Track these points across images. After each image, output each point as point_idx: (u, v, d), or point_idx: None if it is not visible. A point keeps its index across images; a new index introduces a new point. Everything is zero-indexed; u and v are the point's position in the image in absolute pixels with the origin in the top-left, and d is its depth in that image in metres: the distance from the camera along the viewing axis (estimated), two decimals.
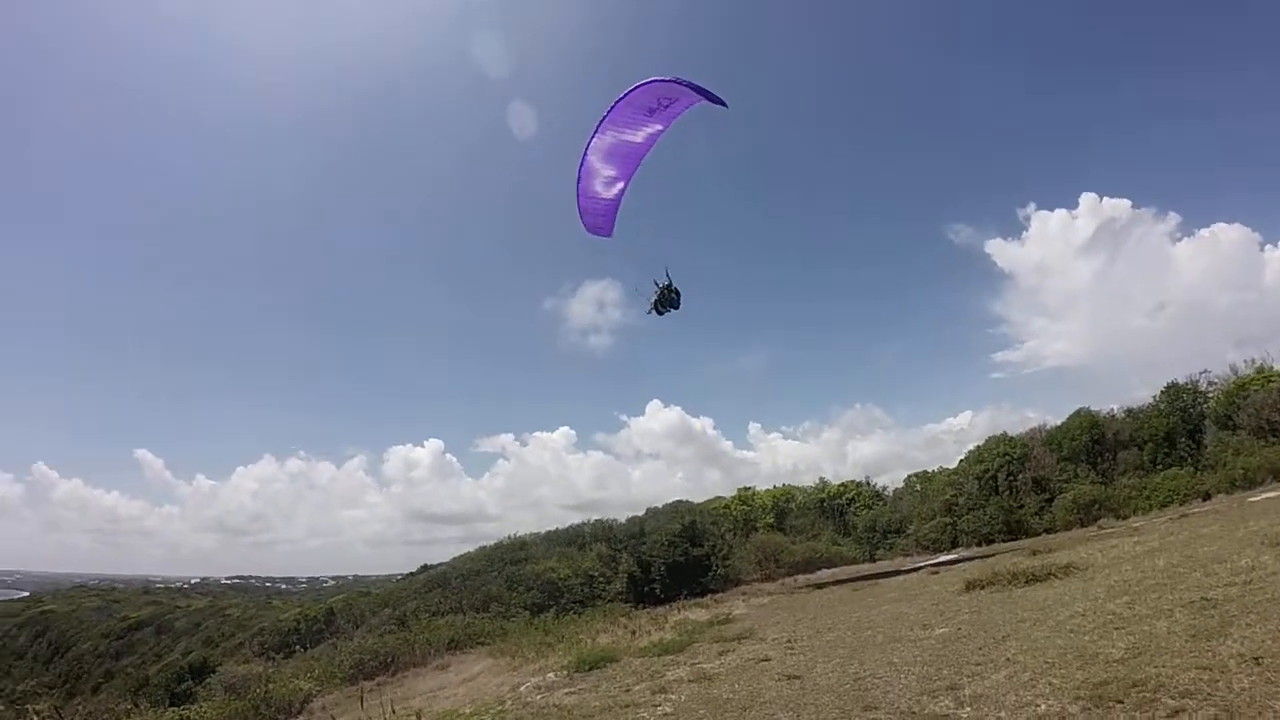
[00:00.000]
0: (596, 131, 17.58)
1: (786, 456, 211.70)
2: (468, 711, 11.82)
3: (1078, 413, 50.74)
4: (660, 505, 61.27)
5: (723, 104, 16.45)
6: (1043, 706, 7.70)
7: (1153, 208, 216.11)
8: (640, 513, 58.74)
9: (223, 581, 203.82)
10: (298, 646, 43.58)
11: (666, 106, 17.09)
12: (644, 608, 32.86)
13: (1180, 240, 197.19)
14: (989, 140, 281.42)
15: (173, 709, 23.70)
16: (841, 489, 63.14)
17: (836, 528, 57.31)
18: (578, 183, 18.78)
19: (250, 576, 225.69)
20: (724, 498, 65.13)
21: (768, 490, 66.56)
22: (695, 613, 25.88)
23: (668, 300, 22.41)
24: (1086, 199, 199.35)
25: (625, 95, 16.76)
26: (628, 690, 13.21)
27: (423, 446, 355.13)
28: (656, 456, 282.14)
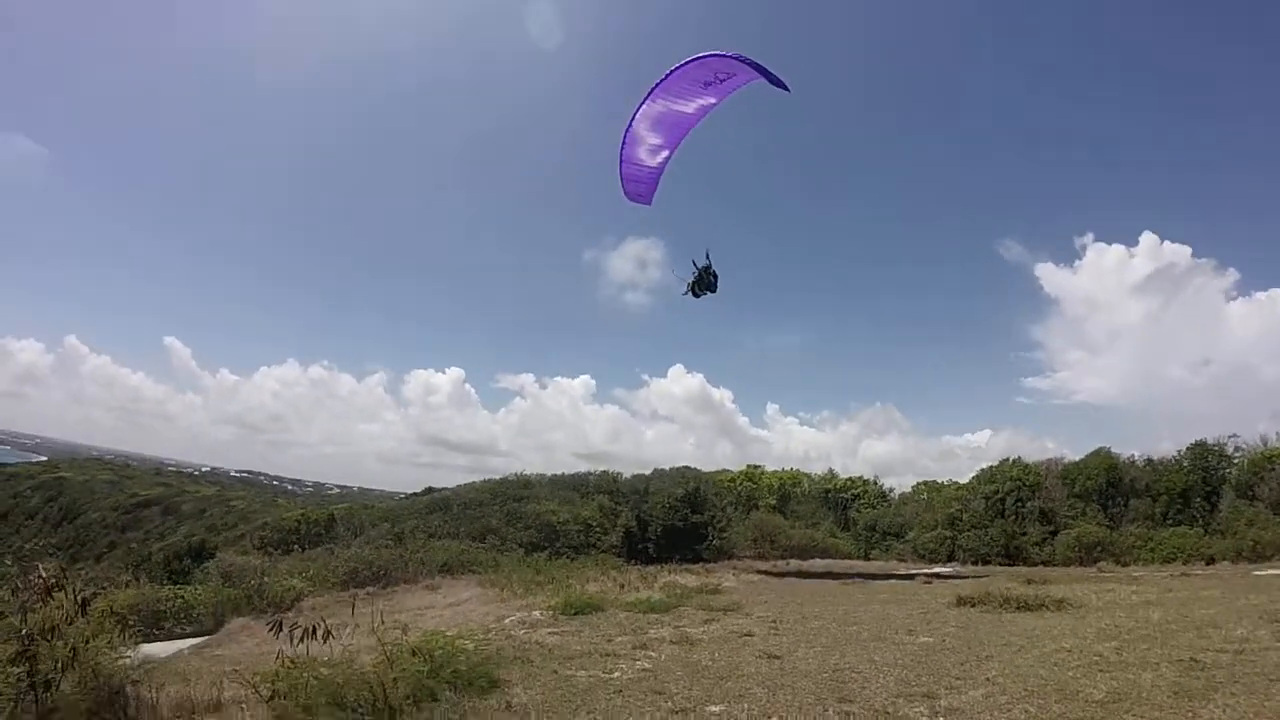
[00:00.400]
0: (647, 98, 17.12)
1: (800, 442, 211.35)
2: (451, 634, 12.10)
3: (1097, 452, 50.23)
4: (668, 468, 61.41)
5: (784, 87, 16.08)
6: None
7: (1213, 259, 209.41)
8: (647, 472, 58.94)
9: (232, 474, 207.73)
10: (296, 546, 44.50)
11: (723, 81, 16.70)
12: (635, 564, 33.20)
13: (1236, 299, 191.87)
14: (1057, 161, 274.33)
15: (170, 585, 24.40)
16: (849, 483, 63.06)
17: (837, 520, 57.34)
18: (621, 148, 18.36)
19: (259, 473, 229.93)
20: (731, 471, 65.19)
21: (775, 471, 66.57)
22: (685, 578, 26.17)
23: (705, 283, 22.05)
24: (1147, 239, 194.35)
25: (681, 66, 16.43)
26: (610, 640, 13.47)
27: (444, 373, 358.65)
28: (671, 420, 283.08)
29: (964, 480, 56.23)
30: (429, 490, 63.67)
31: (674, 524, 39.87)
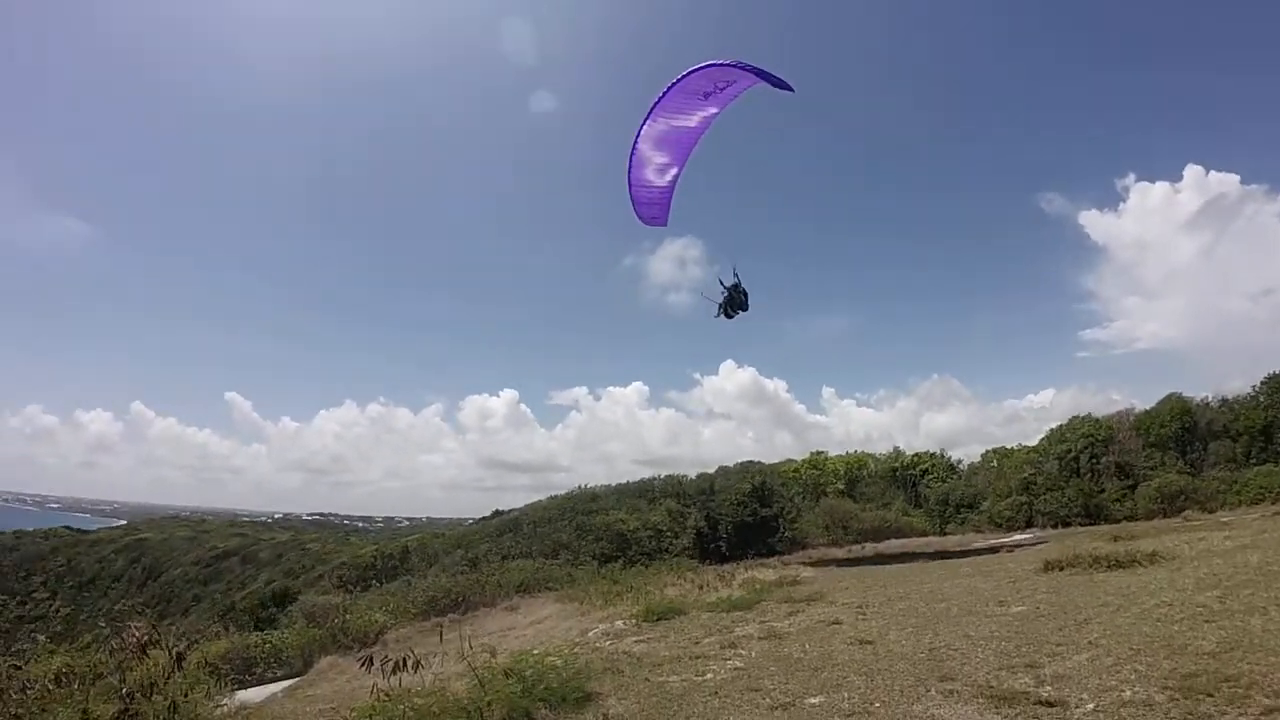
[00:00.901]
0: (648, 118, 16.57)
1: (859, 424, 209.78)
2: (539, 652, 12.13)
3: (1168, 398, 48.93)
4: (731, 465, 61.09)
5: (787, 88, 15.71)
6: (1128, 692, 7.56)
7: (1264, 185, 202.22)
8: (710, 470, 58.73)
9: (304, 517, 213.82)
10: (374, 581, 45.30)
11: (723, 89, 16.31)
12: (710, 564, 33.09)
13: None
14: (1086, 106, 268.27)
15: (257, 633, 24.91)
16: (916, 459, 62.15)
17: (908, 498, 56.58)
18: (629, 172, 17.82)
19: (330, 514, 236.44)
20: (795, 461, 64.69)
21: (840, 456, 65.93)
22: (763, 572, 25.96)
23: (736, 302, 21.55)
24: (1192, 172, 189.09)
25: (679, 80, 16.01)
26: (697, 642, 13.38)
27: (498, 396, 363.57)
28: (728, 416, 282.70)
29: (1033, 443, 55.23)
30: (497, 513, 64.28)
31: (744, 520, 39.64)
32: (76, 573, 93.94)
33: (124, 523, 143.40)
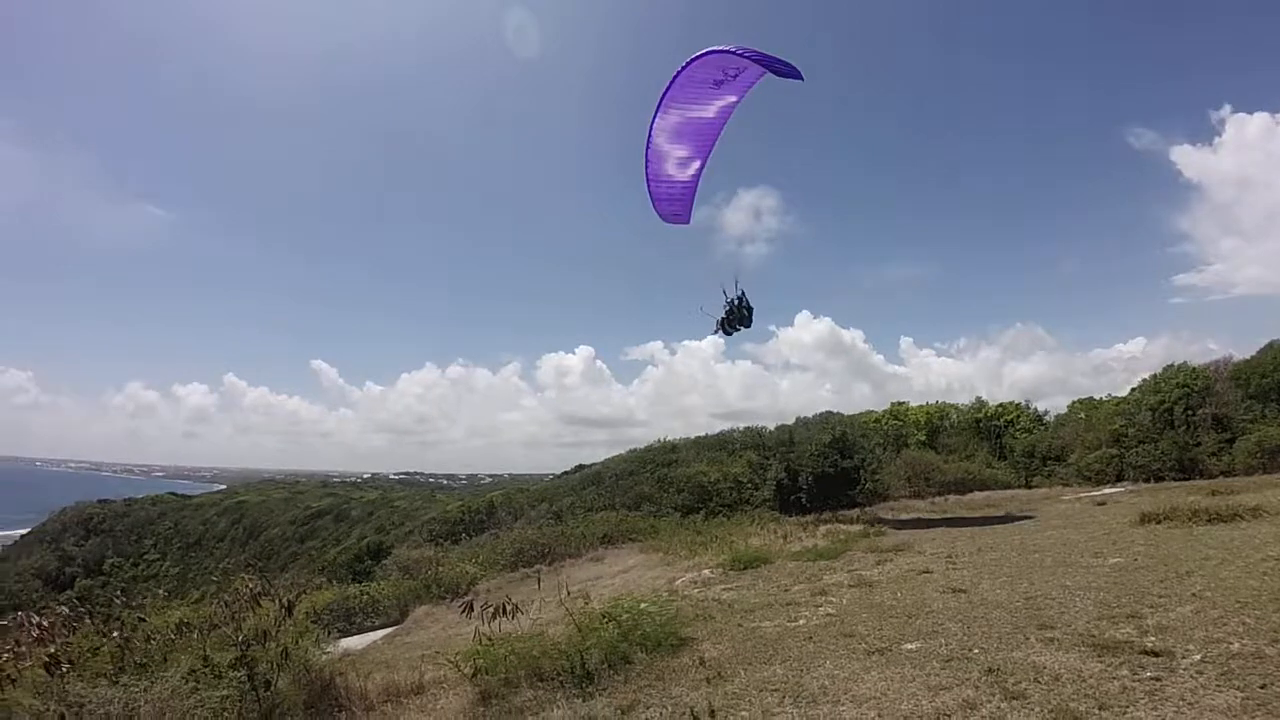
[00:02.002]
0: (659, 111, 16.18)
1: (939, 374, 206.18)
2: (631, 600, 12.40)
3: (1270, 346, 46.66)
4: (810, 416, 60.67)
5: (796, 76, 14.83)
6: (1235, 645, 7.44)
7: None
8: (789, 422, 58.45)
9: (391, 476, 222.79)
10: (462, 535, 46.82)
11: (734, 77, 15.46)
12: (791, 516, 33.11)
13: None
14: (1174, 31, 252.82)
15: (355, 584, 26.06)
16: (1000, 410, 60.68)
17: (991, 450, 55.46)
18: (646, 166, 17.34)
19: (415, 473, 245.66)
20: (875, 412, 63.82)
21: (921, 406, 64.74)
22: (845, 524, 25.93)
23: (739, 317, 20.49)
24: None
25: (683, 70, 15.28)
26: (786, 590, 13.54)
27: (574, 354, 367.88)
28: (805, 368, 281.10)
29: (1123, 394, 53.43)
30: (579, 467, 65.18)
31: (824, 471, 39.39)
32: (183, 534, 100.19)
33: (224, 487, 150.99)
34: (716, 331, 20.44)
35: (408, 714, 9.20)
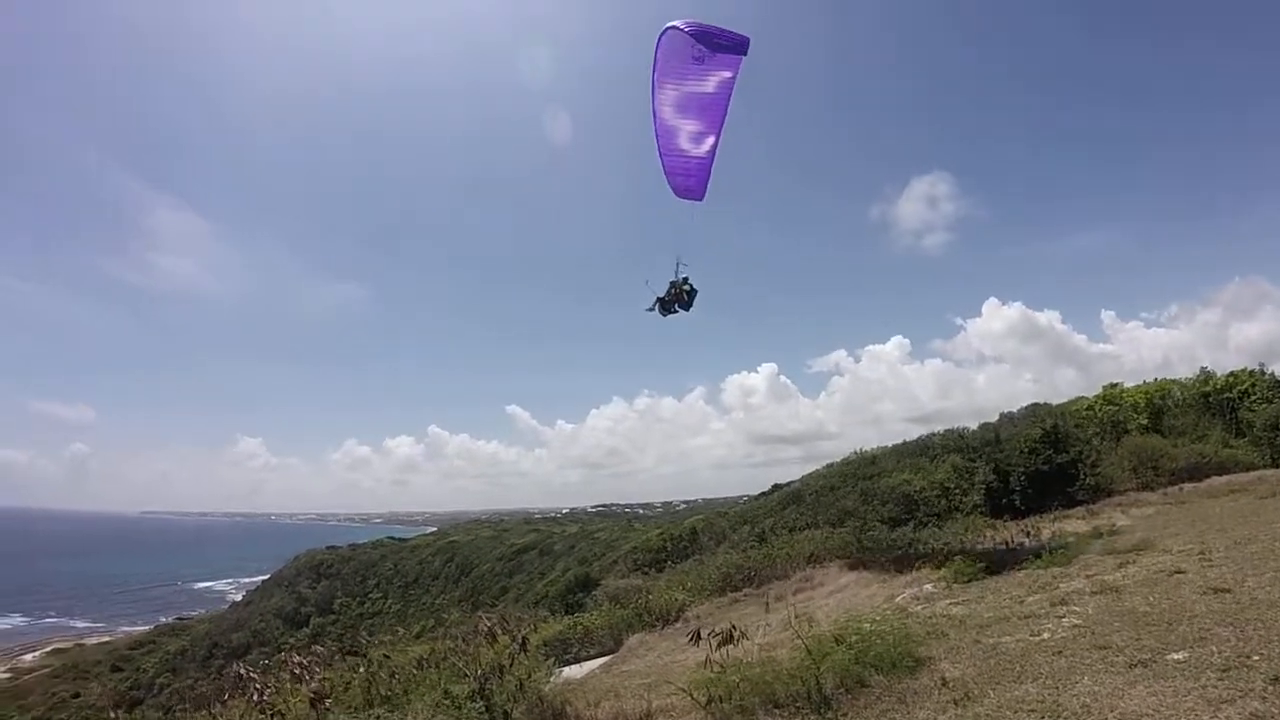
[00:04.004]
0: (654, 89, 16.22)
1: (1152, 346, 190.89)
2: (858, 617, 12.05)
3: None
4: (1014, 410, 57.44)
5: (737, 48, 14.57)
6: None
7: None
8: (992, 419, 55.62)
9: (588, 510, 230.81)
10: (666, 562, 47.45)
11: (705, 58, 15.46)
12: (1004, 520, 31.36)
13: None
14: None
15: (568, 616, 26.86)
16: (1230, 380, 54.69)
17: (1226, 427, 50.26)
18: (657, 140, 17.03)
19: (611, 504, 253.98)
20: (1086, 398, 59.38)
21: (1137, 386, 59.61)
22: (1070, 524, 24.37)
23: (679, 300, 19.31)
24: None
25: (658, 47, 15.37)
26: (1020, 601, 12.80)
27: (757, 372, 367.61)
28: (1000, 359, 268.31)
29: None
30: (776, 486, 64.51)
31: (1037, 469, 37.03)
32: (402, 574, 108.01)
33: (435, 529, 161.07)
34: (653, 308, 19.58)
35: None
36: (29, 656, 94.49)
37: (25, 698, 78.20)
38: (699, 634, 10.66)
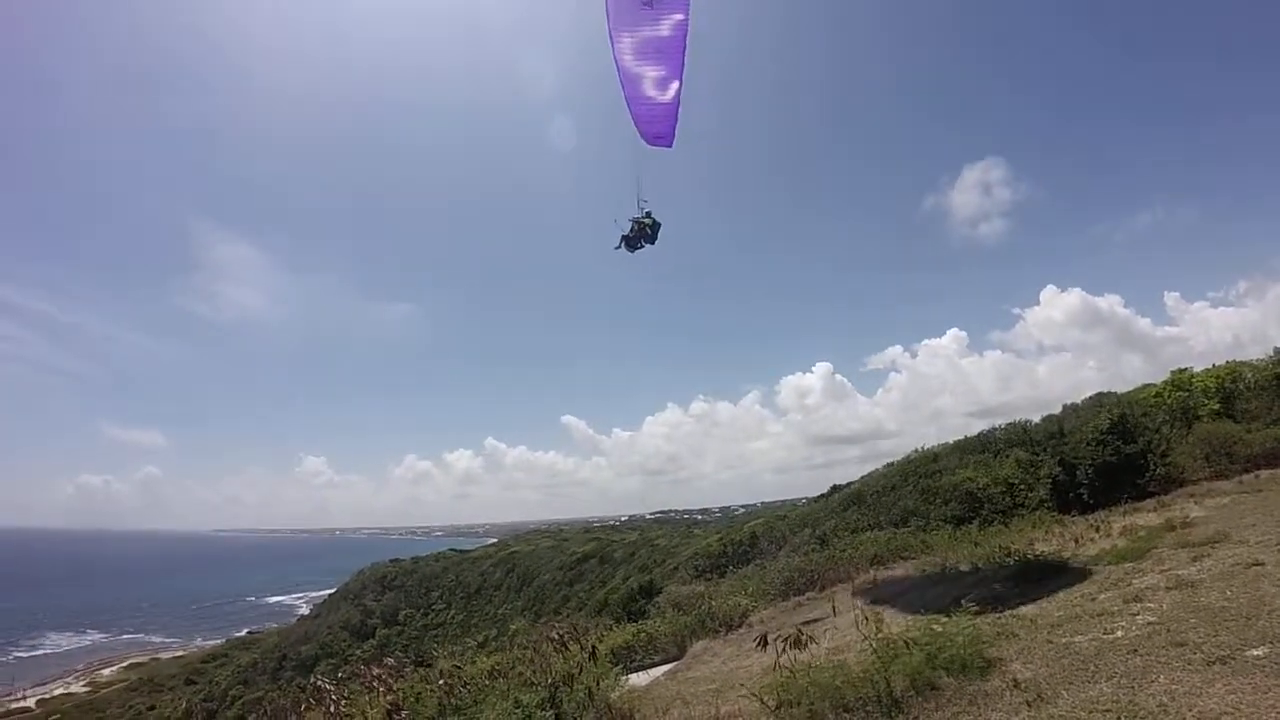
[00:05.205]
0: (611, 38, 16.48)
1: (1221, 327, 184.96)
2: (928, 619, 11.92)
3: None
4: (1079, 401, 56.03)
5: None
6: None
7: None
8: (1056, 411, 54.34)
9: (647, 517, 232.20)
10: (727, 568, 47.39)
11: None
12: (1072, 514, 30.71)
13: None
14: None
15: (631, 623, 26.99)
16: None
17: None
18: (623, 89, 17.20)
19: (670, 510, 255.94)
20: (1153, 385, 57.67)
21: (1207, 371, 57.75)
22: (1142, 517, 23.73)
23: (644, 235, 19.43)
24: None
25: None
26: (1092, 599, 12.59)
27: (812, 372, 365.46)
28: (1061, 348, 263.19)
29: None
30: (835, 488, 63.80)
31: (1105, 460, 36.07)
32: (464, 586, 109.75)
33: (495, 540, 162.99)
34: (619, 246, 19.72)
35: None
36: (107, 671, 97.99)
37: (103, 710, 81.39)
38: (765, 638, 10.69)
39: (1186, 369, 58.70)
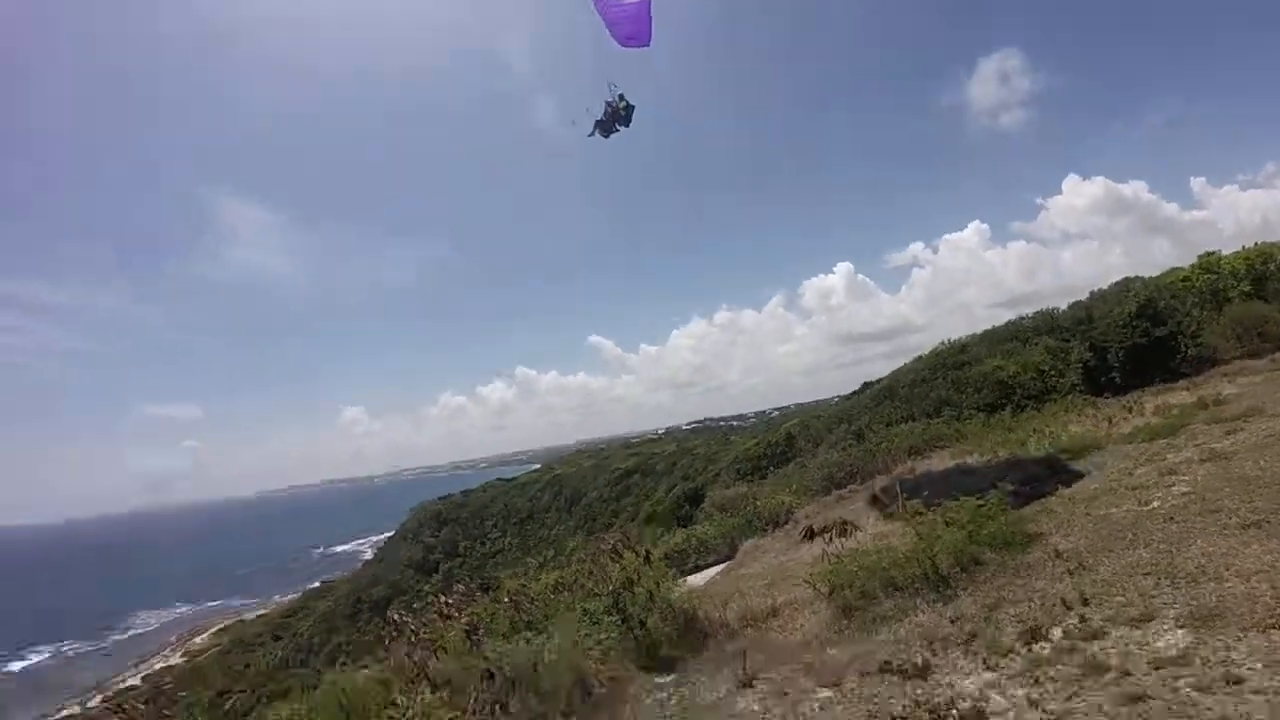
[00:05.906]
0: None
1: (1250, 210, 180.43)
2: (964, 501, 12.29)
3: None
4: (1106, 287, 55.48)
5: None
6: None
7: None
8: (1083, 297, 53.86)
9: (684, 428, 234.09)
10: (768, 469, 48.14)
11: None
12: (1105, 396, 30.85)
13: None
14: None
15: (681, 529, 27.77)
16: None
17: None
18: None
19: (706, 419, 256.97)
20: (1182, 269, 56.98)
21: (1236, 253, 56.87)
22: (1174, 396, 23.89)
23: (618, 117, 19.17)
24: None
25: None
26: (1129, 474, 12.95)
27: (833, 273, 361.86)
28: (1085, 235, 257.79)
29: None
30: (866, 384, 63.99)
31: (1135, 344, 35.97)
32: (514, 512, 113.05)
33: (538, 466, 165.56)
34: (593, 133, 19.69)
35: (773, 634, 9.94)
36: (198, 639, 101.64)
37: (205, 675, 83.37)
38: (812, 530, 11.21)
39: (1215, 252, 57.68)
